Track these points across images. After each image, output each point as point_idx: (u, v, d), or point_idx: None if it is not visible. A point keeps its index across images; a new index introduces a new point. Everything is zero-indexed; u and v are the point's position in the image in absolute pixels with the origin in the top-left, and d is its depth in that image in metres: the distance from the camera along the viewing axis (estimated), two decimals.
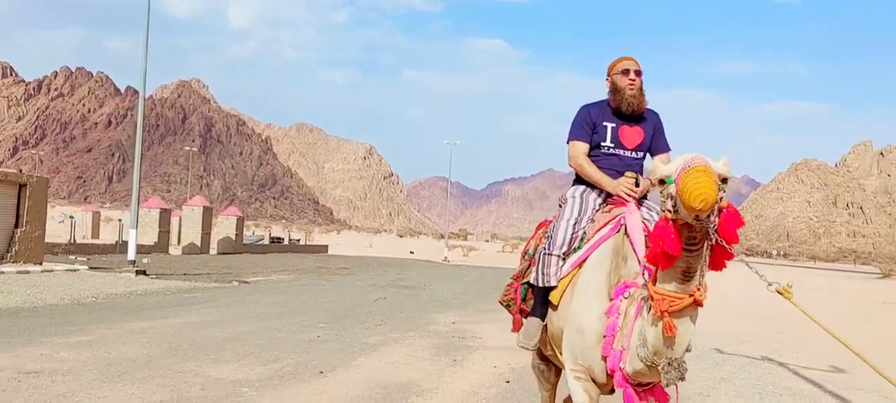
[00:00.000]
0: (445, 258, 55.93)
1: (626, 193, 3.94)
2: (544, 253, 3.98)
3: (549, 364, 4.44)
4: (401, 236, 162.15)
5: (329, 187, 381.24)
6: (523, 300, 4.26)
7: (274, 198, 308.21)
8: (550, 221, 4.31)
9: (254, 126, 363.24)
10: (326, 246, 61.99)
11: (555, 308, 3.89)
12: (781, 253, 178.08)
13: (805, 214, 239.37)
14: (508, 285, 4.48)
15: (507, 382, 7.69)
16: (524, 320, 4.22)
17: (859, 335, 13.45)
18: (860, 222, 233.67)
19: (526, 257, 4.39)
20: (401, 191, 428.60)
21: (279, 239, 56.98)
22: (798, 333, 13.90)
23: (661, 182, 2.91)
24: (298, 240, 63.23)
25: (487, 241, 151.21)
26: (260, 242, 51.99)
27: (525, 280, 4.25)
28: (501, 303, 4.58)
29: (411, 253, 66.57)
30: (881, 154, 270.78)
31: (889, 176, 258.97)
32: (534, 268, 4.06)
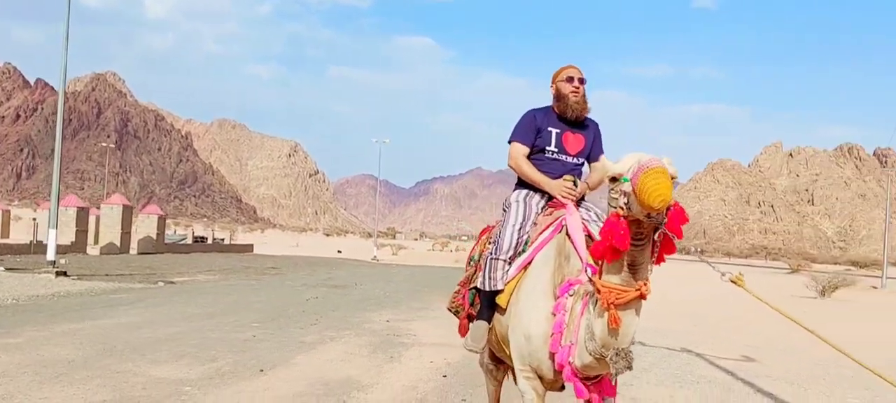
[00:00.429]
0: (374, 257, 55.90)
1: (565, 194, 4.07)
2: (491, 258, 4.04)
3: (497, 362, 4.51)
4: (327, 235, 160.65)
5: (252, 185, 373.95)
6: (471, 305, 4.32)
7: (194, 196, 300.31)
8: (493, 227, 4.38)
9: (173, 121, 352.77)
10: (252, 246, 61.06)
11: (502, 311, 3.97)
12: (698, 249, 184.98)
13: (720, 212, 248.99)
14: (456, 292, 4.55)
15: (444, 376, 7.96)
16: (471, 323, 4.29)
17: (771, 326, 14.31)
18: (771, 220, 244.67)
19: (471, 263, 4.43)
20: (327, 189, 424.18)
21: (202, 239, 55.82)
22: (713, 327, 14.71)
23: (613, 179, 3.01)
24: (222, 240, 62.06)
25: (416, 240, 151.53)
26: (183, 242, 50.82)
27: (472, 285, 4.30)
28: (450, 310, 4.63)
29: (339, 252, 66.27)
30: (790, 155, 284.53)
31: (798, 176, 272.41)
32: (480, 273, 4.13)
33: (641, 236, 3.00)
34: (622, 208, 2.93)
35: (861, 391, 8.11)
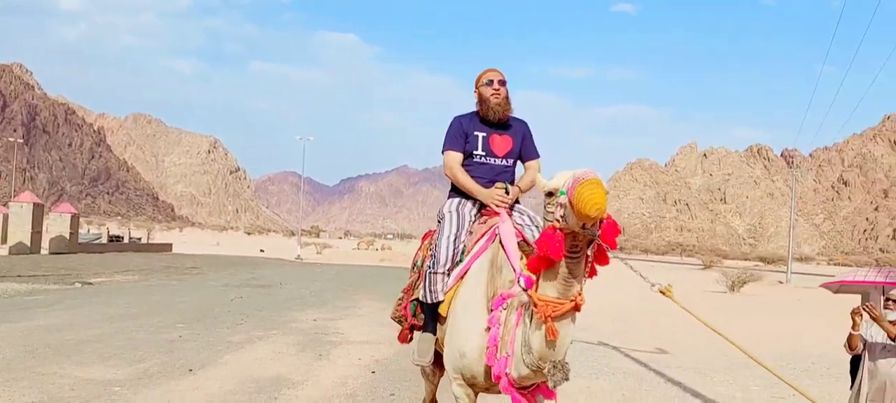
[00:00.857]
0: (298, 256, 55.21)
1: (497, 203, 4.11)
2: (429, 272, 4.09)
3: (436, 364, 4.46)
4: (249, 233, 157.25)
5: (170, 182, 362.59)
6: (413, 315, 4.36)
7: (108, 194, 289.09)
8: (434, 232, 4.40)
9: (85, 115, 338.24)
10: (170, 245, 59.42)
11: (443, 321, 4.05)
12: (618, 247, 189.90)
13: (639, 210, 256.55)
14: (399, 300, 4.57)
15: (373, 372, 8.18)
16: (415, 335, 4.37)
17: (683, 319, 15.07)
18: (686, 218, 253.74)
19: (415, 269, 4.48)
20: (248, 187, 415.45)
21: (119, 238, 53.95)
22: (628, 321, 15.39)
23: (550, 194, 3.09)
24: (139, 239, 60.15)
25: (341, 239, 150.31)
26: (97, 241, 49.01)
27: (414, 297, 4.36)
28: (393, 319, 4.65)
29: (262, 251, 65.11)
30: (704, 155, 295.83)
31: (711, 175, 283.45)
32: (421, 286, 4.17)
33: (577, 248, 3.07)
34: (558, 220, 3.01)
35: (762, 379, 8.74)
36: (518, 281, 3.47)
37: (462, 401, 3.78)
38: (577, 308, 3.19)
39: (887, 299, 4.92)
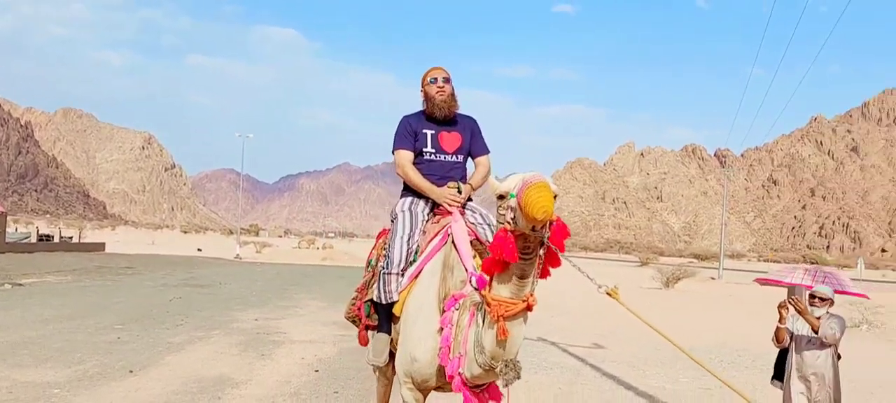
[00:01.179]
0: (237, 255, 54.29)
1: (450, 202, 4.17)
2: (383, 272, 4.12)
3: (391, 363, 4.42)
4: (185, 232, 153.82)
5: (101, 179, 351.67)
6: (368, 316, 4.38)
7: (36, 191, 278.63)
8: (388, 231, 4.42)
9: (11, 109, 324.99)
10: (103, 244, 57.71)
11: (396, 320, 4.08)
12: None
13: (578, 208, 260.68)
14: (353, 299, 4.57)
15: (316, 371, 8.26)
16: (371, 336, 4.37)
17: (620, 319, 15.52)
18: (624, 215, 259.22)
19: (369, 267, 4.49)
20: (185, 184, 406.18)
21: (48, 237, 52.18)
22: (567, 316, 15.78)
23: (501, 197, 3.14)
24: (70, 238, 58.26)
25: (281, 237, 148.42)
26: (26, 240, 47.33)
27: (368, 297, 4.36)
28: (347, 319, 4.65)
29: (199, 250, 63.80)
30: (642, 154, 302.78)
31: (648, 174, 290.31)
32: (375, 286, 4.19)
33: (528, 250, 3.12)
34: (509, 223, 3.07)
35: (692, 371, 9.16)
36: (470, 281, 3.53)
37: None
38: (529, 308, 3.26)
39: (812, 296, 5.08)
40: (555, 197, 3.00)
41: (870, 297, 6.61)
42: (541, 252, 3.15)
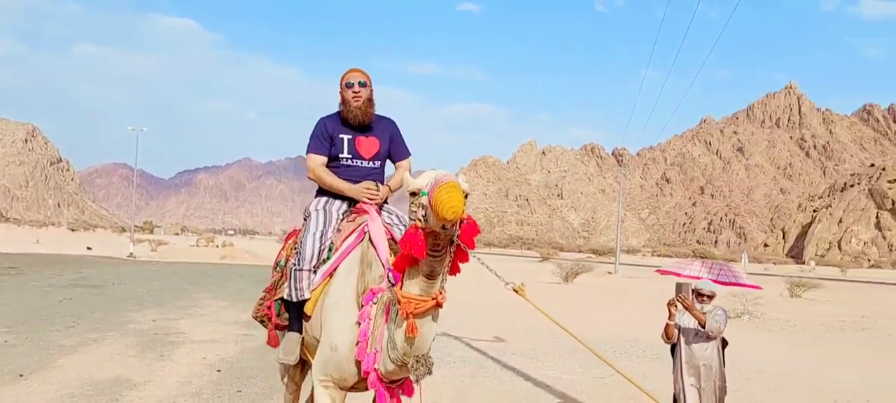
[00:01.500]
0: (131, 254, 52.13)
1: (367, 198, 4.16)
2: (295, 269, 4.05)
3: (297, 365, 4.41)
4: (73, 230, 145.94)
5: None
6: (278, 315, 4.32)
7: None
8: (299, 231, 4.34)
9: None
10: None
11: (307, 318, 4.05)
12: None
13: (483, 205, 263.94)
14: (261, 299, 4.48)
15: (218, 371, 8.15)
16: (281, 335, 4.31)
17: (519, 308, 15.97)
18: (527, 212, 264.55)
19: (277, 269, 4.41)
20: (72, 180, 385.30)
21: None
22: (469, 312, 16.10)
23: (413, 194, 3.17)
24: None
25: (177, 235, 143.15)
26: None
27: (278, 296, 4.31)
28: (255, 319, 4.56)
29: (89, 248, 60.78)
30: (543, 153, 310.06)
31: (549, 172, 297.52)
32: (286, 284, 4.12)
33: (438, 247, 3.17)
34: (420, 220, 3.10)
35: (589, 362, 9.59)
36: (388, 277, 3.59)
37: None
38: (438, 305, 3.32)
39: (697, 293, 5.30)
40: (466, 196, 3.07)
41: (761, 288, 7.10)
42: (451, 249, 3.21)
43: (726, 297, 10.35)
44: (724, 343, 5.39)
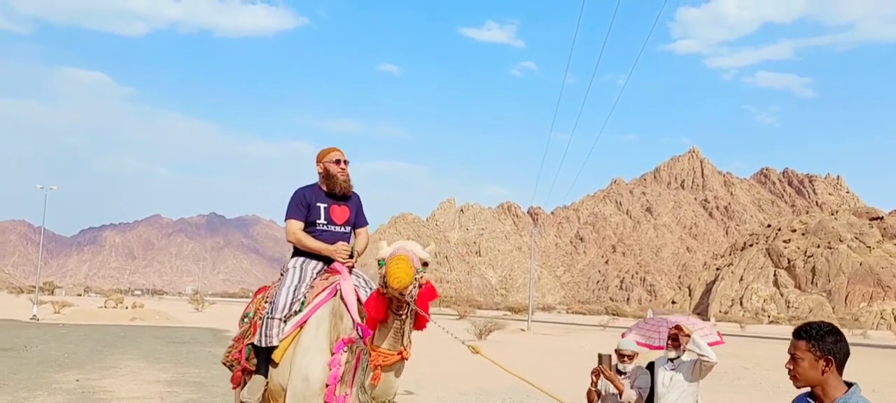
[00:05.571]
0: (34, 316, 50.07)
1: (342, 258, 4.67)
2: (267, 317, 4.52)
3: None
4: None
5: None
6: (247, 359, 4.71)
7: None
8: (269, 287, 4.90)
9: None
10: None
11: (275, 365, 4.46)
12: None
13: None
14: (231, 346, 4.97)
15: None
16: (246, 377, 4.69)
17: (432, 362, 16.91)
18: (445, 270, 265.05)
19: (245, 320, 4.91)
20: None
21: None
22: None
23: (379, 263, 3.66)
24: None
25: (81, 295, 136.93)
26: None
27: (249, 341, 4.72)
28: (225, 364, 5.02)
29: None
30: (462, 210, 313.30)
31: (467, 230, 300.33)
32: (259, 330, 4.56)
33: (401, 308, 3.68)
34: (382, 286, 3.62)
35: None
36: (357, 330, 4.07)
37: None
38: (402, 358, 3.83)
39: (620, 354, 5.63)
40: (426, 264, 3.68)
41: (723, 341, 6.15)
42: (410, 312, 3.73)
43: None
44: None
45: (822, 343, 2.70)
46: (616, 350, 5.65)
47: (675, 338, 5.38)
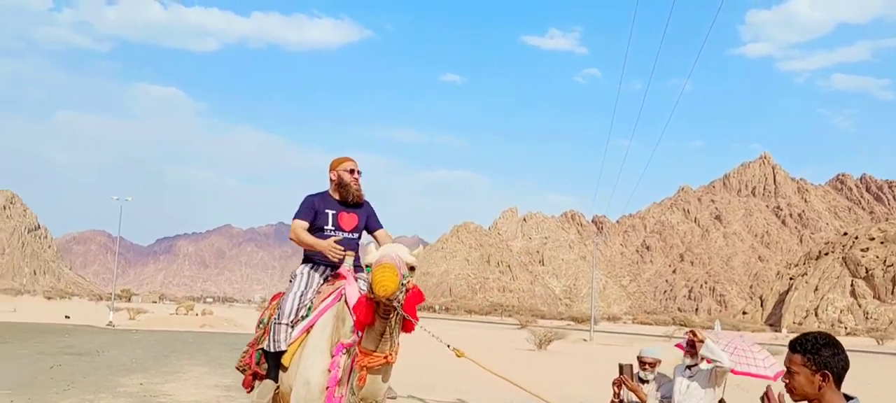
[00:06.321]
0: (110, 322, 52.22)
1: (333, 250, 4.70)
2: (275, 323, 4.65)
3: None
4: (49, 298, 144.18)
5: None
6: (257, 364, 4.88)
7: None
8: (283, 294, 4.97)
9: None
10: None
11: (285, 369, 4.58)
12: (444, 307, 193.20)
13: (465, 272, 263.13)
14: (244, 352, 5.15)
15: None
16: (257, 382, 4.87)
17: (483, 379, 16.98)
18: (508, 279, 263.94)
19: (260, 326, 5.05)
20: (50, 247, 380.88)
21: None
22: (435, 377, 17.07)
23: (366, 268, 3.80)
24: None
25: (155, 302, 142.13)
26: None
27: (259, 347, 4.88)
28: (238, 369, 5.21)
29: (67, 317, 60.73)
30: (524, 219, 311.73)
31: (530, 238, 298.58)
32: (267, 336, 4.72)
33: (387, 313, 3.76)
34: (369, 292, 3.72)
35: None
36: (356, 333, 4.14)
37: None
38: (387, 361, 3.94)
39: (641, 361, 5.57)
40: (412, 268, 3.74)
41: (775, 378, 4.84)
42: (397, 316, 3.80)
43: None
44: None
45: (817, 356, 2.59)
46: (638, 358, 5.59)
47: (692, 345, 5.10)
